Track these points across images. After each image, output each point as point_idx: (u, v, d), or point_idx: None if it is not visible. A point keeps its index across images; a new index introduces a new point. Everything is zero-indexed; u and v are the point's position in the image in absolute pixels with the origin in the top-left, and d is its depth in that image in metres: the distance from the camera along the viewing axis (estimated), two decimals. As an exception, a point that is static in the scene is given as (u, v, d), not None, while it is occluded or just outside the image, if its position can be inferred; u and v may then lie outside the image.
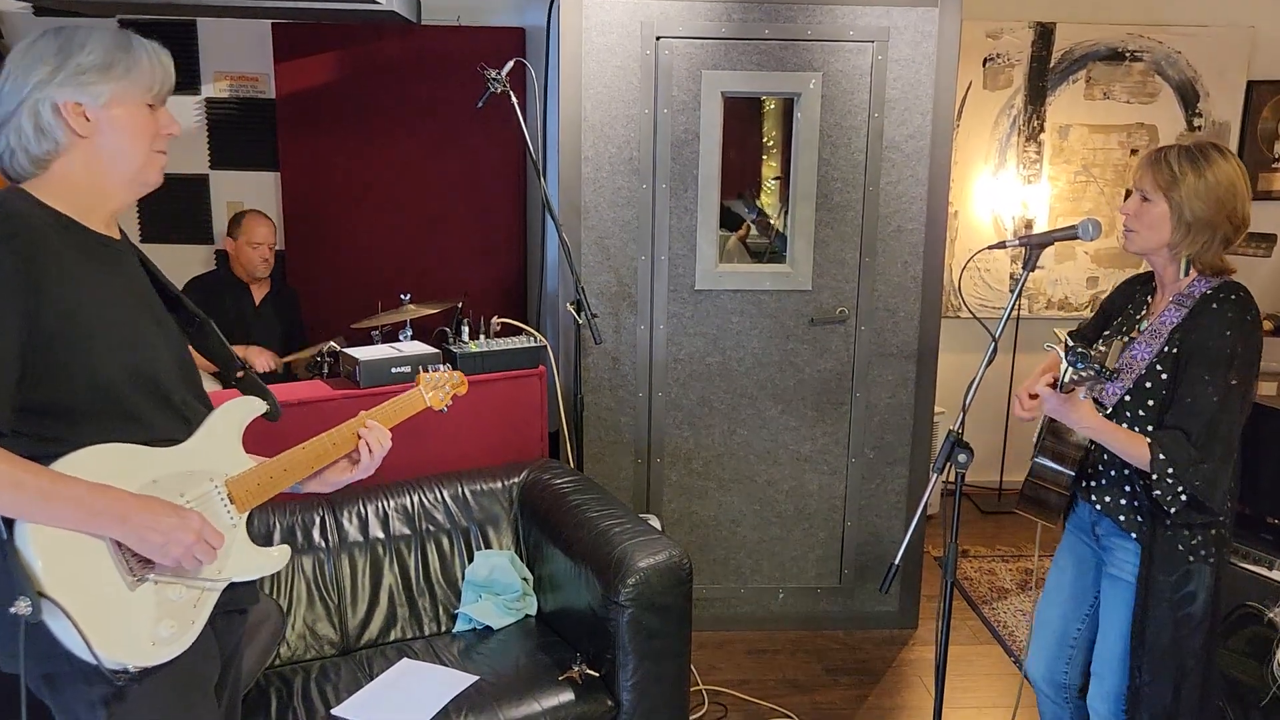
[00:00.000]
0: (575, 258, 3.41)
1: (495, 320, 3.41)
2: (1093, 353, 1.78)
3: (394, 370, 3.15)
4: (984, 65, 4.73)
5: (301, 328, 4.27)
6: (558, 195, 3.44)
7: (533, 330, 3.42)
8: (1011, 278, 4.94)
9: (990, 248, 2.30)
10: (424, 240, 4.50)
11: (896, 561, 2.37)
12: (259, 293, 4.12)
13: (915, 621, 3.88)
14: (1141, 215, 2.15)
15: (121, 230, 1.73)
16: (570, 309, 3.30)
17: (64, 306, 1.51)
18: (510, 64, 3.27)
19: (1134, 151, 4.84)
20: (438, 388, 2.15)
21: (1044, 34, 4.71)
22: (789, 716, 3.28)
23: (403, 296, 3.56)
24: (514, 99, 3.24)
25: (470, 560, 3.02)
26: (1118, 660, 2.24)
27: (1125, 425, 2.15)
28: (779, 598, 3.80)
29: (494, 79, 3.22)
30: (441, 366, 2.18)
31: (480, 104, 3.24)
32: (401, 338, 3.40)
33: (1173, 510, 2.06)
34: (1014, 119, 4.79)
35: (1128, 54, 4.74)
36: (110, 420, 1.56)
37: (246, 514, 1.75)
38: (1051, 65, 4.74)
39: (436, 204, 4.48)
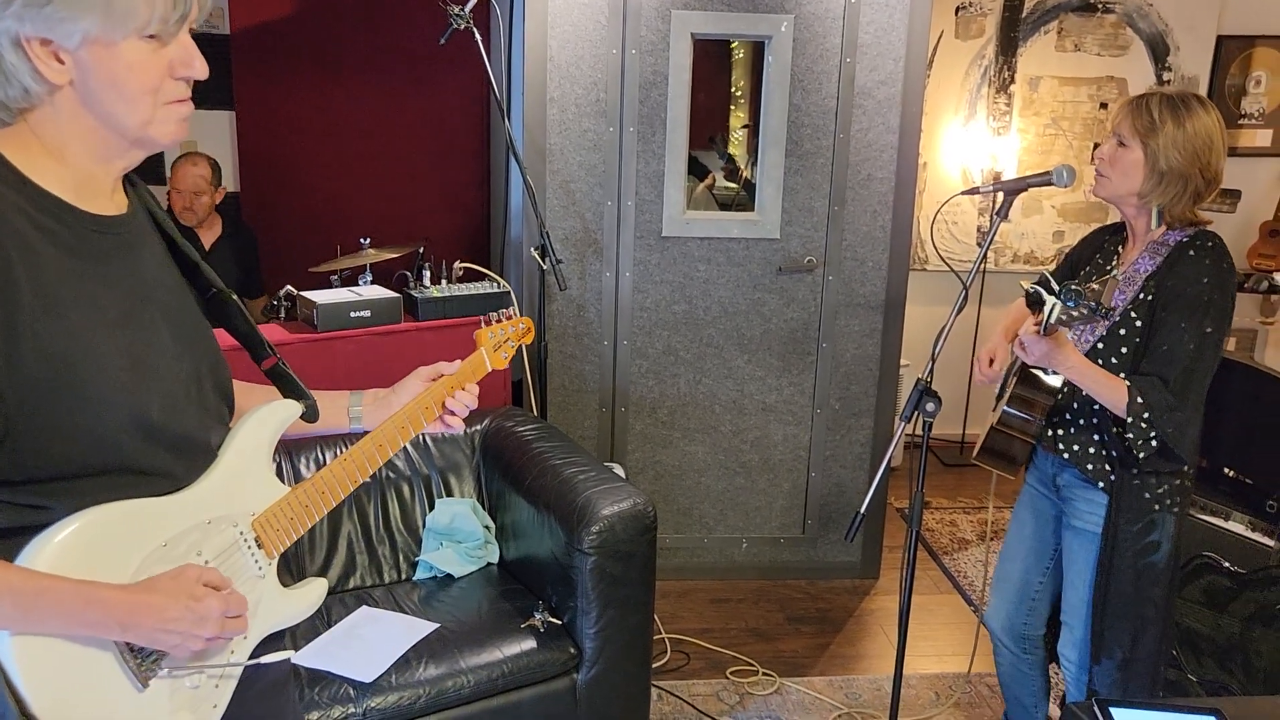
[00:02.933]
0: (540, 202, 3.33)
1: (457, 265, 3.34)
2: (1086, 290, 1.75)
3: (353, 314, 3.07)
4: (956, 14, 4.67)
5: (258, 272, 4.16)
6: (522, 137, 3.35)
7: (496, 275, 3.35)
8: (979, 230, 4.93)
9: (965, 193, 2.26)
10: (385, 183, 4.38)
11: (862, 511, 2.35)
12: (208, 236, 3.99)
13: (877, 572, 3.90)
14: (1116, 161, 2.12)
15: (128, 184, 1.35)
16: (535, 254, 3.23)
17: (47, 345, 1.16)
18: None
19: (1103, 105, 4.82)
20: (501, 344, 1.81)
21: (1017, -17, 4.66)
22: (751, 665, 3.29)
23: (362, 240, 3.47)
24: (478, 36, 3.14)
25: (431, 508, 2.97)
26: (1084, 609, 2.25)
27: (1098, 372, 2.14)
28: (742, 547, 3.80)
29: (457, 14, 3.11)
30: (501, 313, 1.80)
31: (443, 40, 3.14)
32: (361, 282, 3.32)
33: (1141, 456, 2.05)
34: (985, 70, 4.74)
35: (1100, 5, 4.70)
36: (109, 477, 1.23)
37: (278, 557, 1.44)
38: (1023, 16, 4.69)
39: (398, 145, 4.37)
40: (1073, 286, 1.76)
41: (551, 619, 2.63)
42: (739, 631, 3.51)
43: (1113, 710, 1.54)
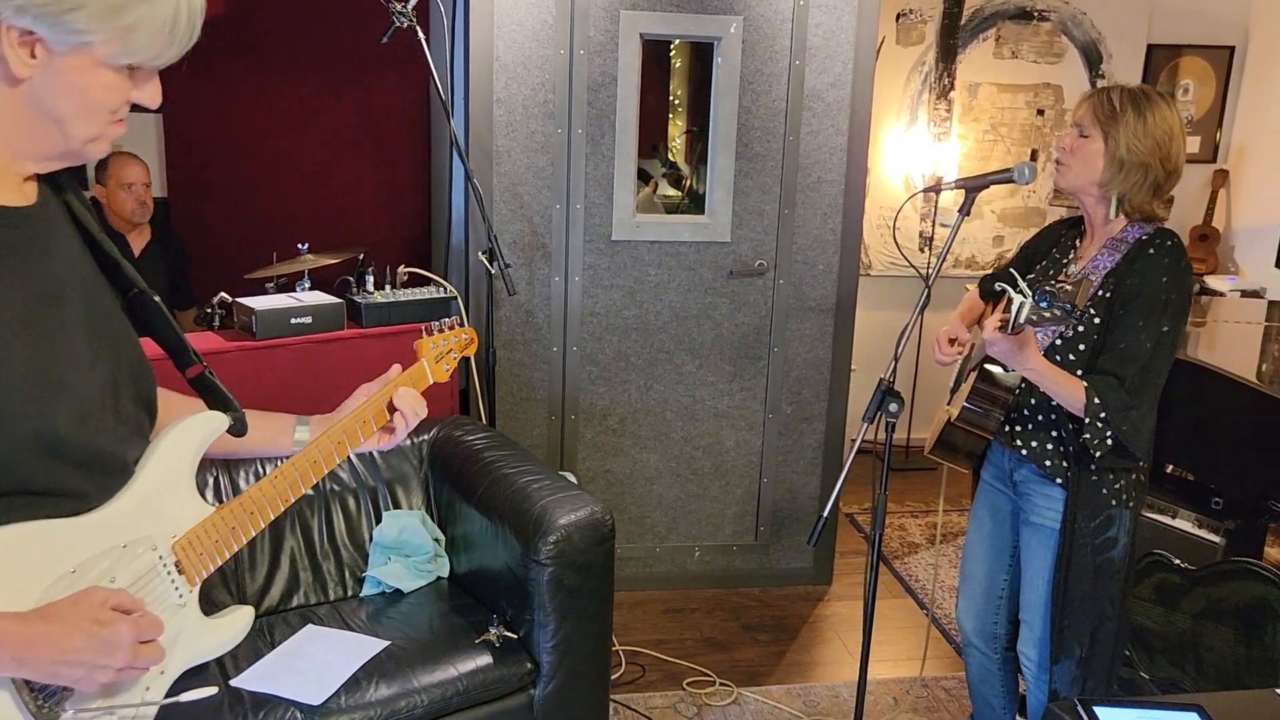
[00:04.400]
0: (487, 205, 3.25)
1: (402, 270, 3.24)
2: (1061, 291, 1.73)
3: (294, 320, 2.95)
4: (897, 21, 4.70)
5: (188, 281, 4.00)
6: (467, 139, 3.27)
7: (442, 280, 3.26)
8: (921, 235, 4.96)
9: (926, 190, 2.25)
10: (322, 187, 4.26)
11: (824, 514, 2.32)
12: (138, 242, 3.83)
13: (830, 578, 3.87)
14: (1077, 150, 2.12)
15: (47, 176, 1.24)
16: (482, 258, 3.14)
17: None
18: (416, -3, 3.08)
19: (1040, 112, 4.89)
20: (443, 355, 1.70)
21: (956, -9, 4.70)
22: (708, 675, 3.24)
23: (300, 246, 3.34)
24: (421, 35, 3.05)
25: (378, 521, 2.86)
26: (1043, 607, 2.24)
27: (1056, 369, 2.13)
28: (695, 556, 3.74)
29: (399, 12, 3.02)
30: (443, 322, 1.70)
31: (385, 39, 3.05)
32: (299, 289, 3.19)
33: (1098, 455, 2.05)
34: (925, 76, 4.78)
35: (1036, 13, 4.77)
36: (8, 499, 1.11)
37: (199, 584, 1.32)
38: (962, 23, 4.74)
39: (336, 149, 4.24)
40: (1047, 288, 1.74)
41: (507, 633, 2.54)
42: (694, 642, 3.45)
43: (1096, 709, 1.51)
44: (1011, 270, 1.96)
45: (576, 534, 2.47)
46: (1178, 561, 3.00)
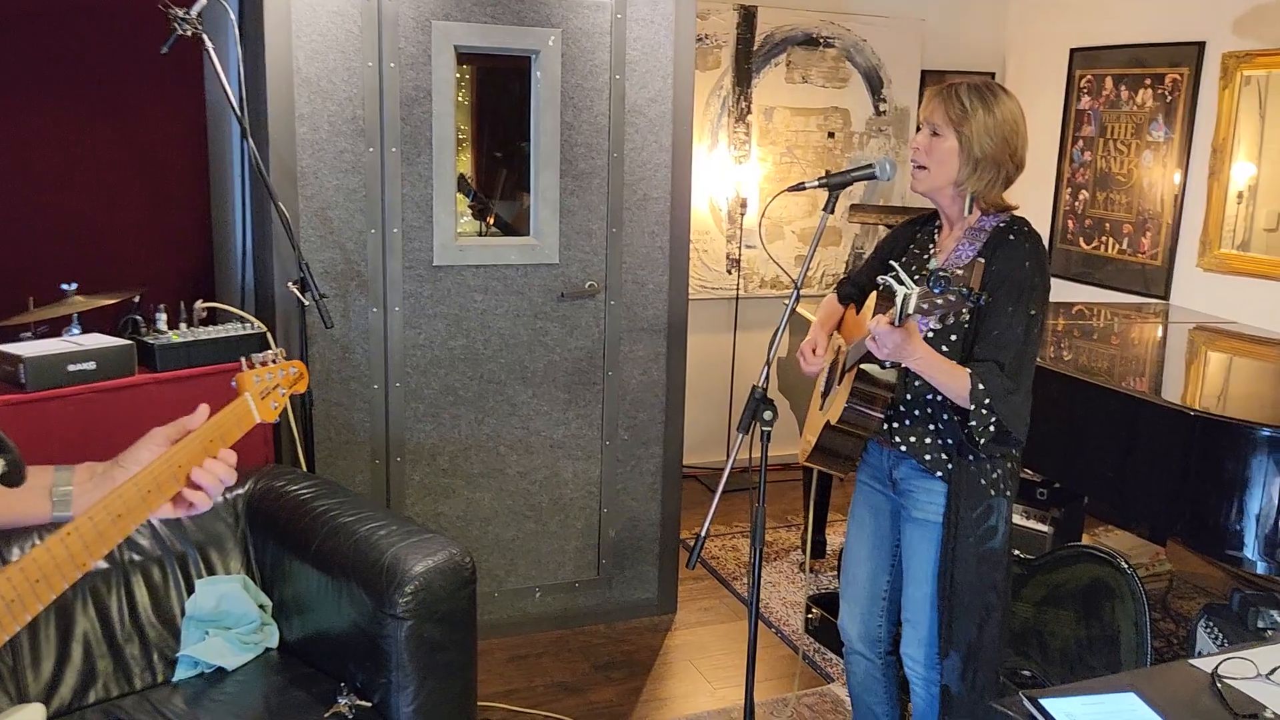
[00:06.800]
0: (293, 231, 2.95)
1: (200, 305, 2.88)
2: (954, 275, 1.69)
3: (72, 367, 2.55)
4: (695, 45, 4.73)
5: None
6: (267, 160, 2.96)
7: (248, 315, 2.92)
8: (728, 257, 5.01)
9: (790, 189, 2.20)
10: (84, 222, 3.76)
11: (703, 533, 2.21)
12: None
13: (674, 606, 3.76)
14: (932, 150, 2.14)
15: None
16: (293, 289, 2.84)
17: None
18: (202, 1, 2.77)
19: (831, 135, 5.07)
20: (269, 391, 1.49)
21: (747, 17, 4.81)
22: (567, 721, 3.04)
23: (66, 287, 2.91)
24: (209, 44, 2.75)
25: (190, 591, 2.49)
26: (929, 604, 2.21)
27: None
28: (536, 597, 3.54)
29: (182, 18, 2.71)
30: (266, 355, 1.53)
31: (165, 49, 2.72)
32: (67, 334, 2.76)
33: (983, 441, 2.05)
34: (724, 100, 4.85)
35: (822, 40, 4.96)
36: None
37: None
38: (755, 48, 4.85)
39: (99, 180, 3.76)
40: (940, 273, 1.71)
41: (360, 702, 2.26)
42: (545, 688, 3.24)
43: (1043, 701, 1.46)
44: (893, 263, 1.92)
45: (436, 581, 2.24)
46: (1016, 552, 3.10)
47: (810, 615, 3.61)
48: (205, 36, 2.74)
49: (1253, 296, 4.12)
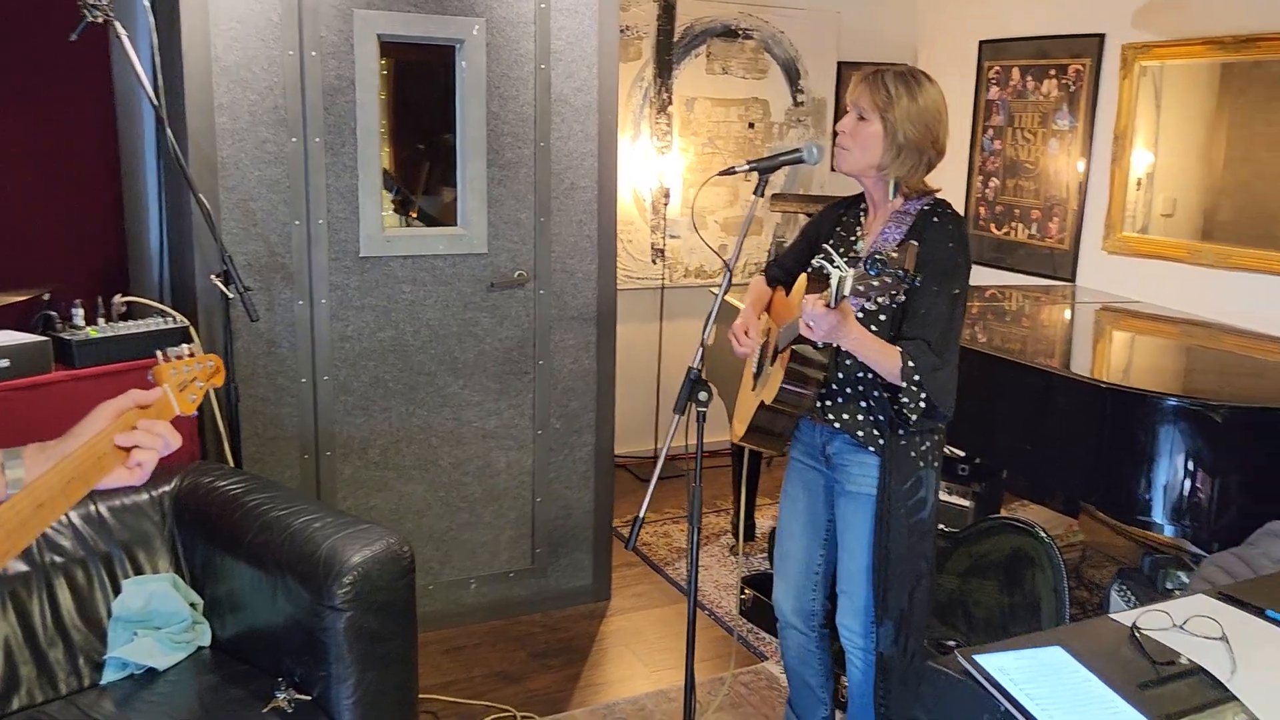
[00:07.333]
0: (215, 223, 2.89)
1: (118, 300, 2.80)
2: (888, 257, 1.74)
3: (-14, 366, 2.46)
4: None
5: None
6: (186, 150, 2.89)
7: (169, 309, 2.86)
8: (653, 247, 5.05)
9: (721, 174, 2.24)
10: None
11: (641, 514, 2.24)
12: None
13: (609, 592, 3.79)
14: (857, 134, 2.20)
15: None
16: (216, 282, 2.79)
17: None
18: (113, -14, 2.69)
19: (751, 125, 5.14)
20: (187, 384, 1.50)
21: (667, 8, 4.85)
22: (506, 710, 3.04)
23: (-33, 286, 2.80)
24: (122, 31, 2.68)
25: (117, 592, 2.43)
26: (864, 574, 2.28)
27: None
28: (471, 588, 3.53)
29: (92, 4, 2.64)
30: (181, 349, 1.53)
31: (74, 36, 2.64)
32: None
33: (914, 417, 2.12)
34: (645, 91, 4.88)
35: (740, 31, 5.02)
36: None
37: None
38: (675, 39, 4.89)
39: (2, 170, 3.62)
40: (876, 255, 1.76)
41: (299, 696, 2.24)
42: (484, 678, 3.24)
43: (977, 657, 1.52)
44: (826, 246, 1.98)
45: (375, 570, 2.23)
46: (941, 526, 3.20)
47: (743, 596, 3.67)
48: (117, 23, 2.67)
49: (1153, 278, 4.31)
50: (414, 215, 3.75)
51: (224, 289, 2.78)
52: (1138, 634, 1.61)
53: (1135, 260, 4.43)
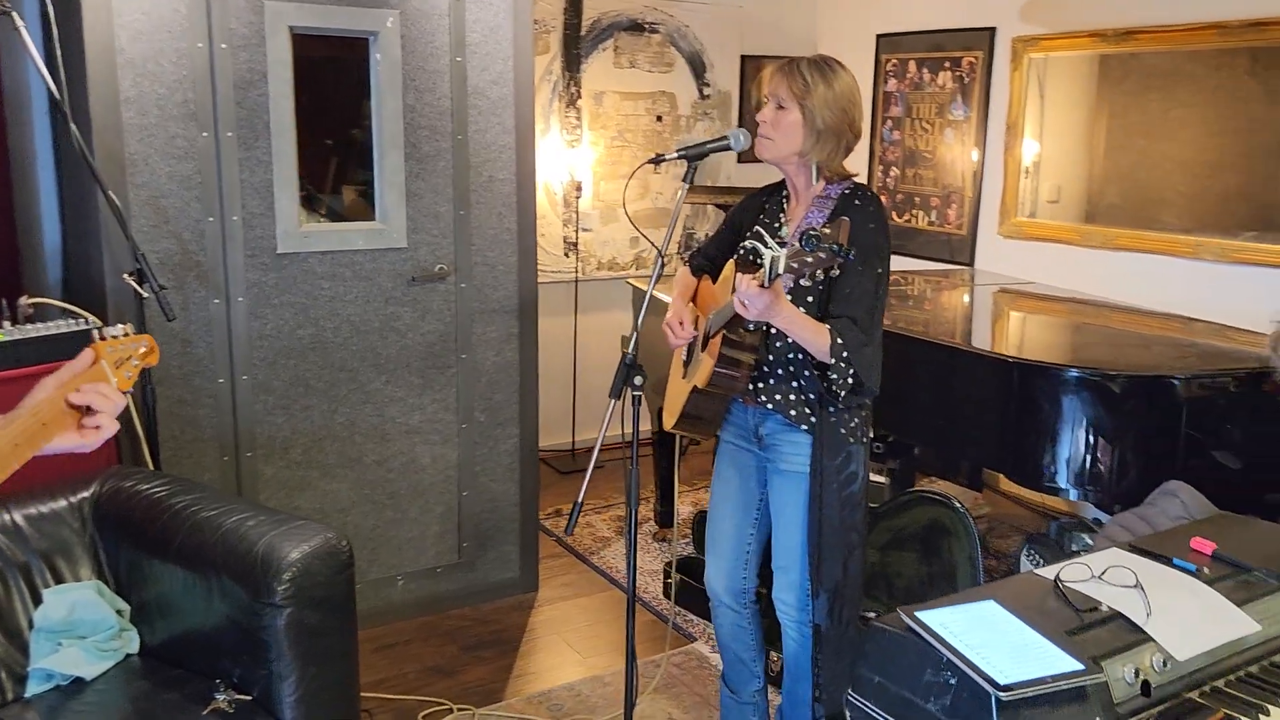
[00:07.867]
0: (124, 220, 2.81)
1: (24, 302, 2.70)
2: (822, 234, 1.81)
3: (-113, 373, 2.35)
4: (522, 31, 4.76)
5: None
6: (91, 145, 2.80)
7: (80, 310, 2.77)
8: (565, 240, 5.07)
9: (649, 162, 2.29)
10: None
11: (579, 499, 2.28)
12: None
13: (536, 584, 3.81)
14: (778, 123, 2.27)
15: None
16: (130, 281, 2.71)
17: None
18: (6, -24, 2.59)
19: (659, 118, 5.21)
20: (122, 362, 1.49)
21: (574, 2, 4.87)
22: (442, 703, 3.04)
23: None
24: (20, 23, 2.58)
25: (38, 603, 2.35)
26: (799, 550, 2.36)
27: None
28: (399, 585, 3.51)
29: (-12, -5, 2.54)
30: (117, 328, 1.52)
31: (-31, 27, 2.54)
32: None
33: (842, 394, 2.20)
34: (554, 85, 4.90)
35: (646, 25, 5.08)
36: None
37: None
38: (583, 33, 4.92)
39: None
40: (811, 232, 1.83)
41: (239, 696, 2.21)
42: (417, 673, 3.22)
43: (918, 614, 1.61)
44: (758, 228, 2.04)
45: (314, 566, 2.21)
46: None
47: (669, 581, 3.73)
48: (15, 14, 2.58)
49: (1046, 260, 4.53)
50: (321, 213, 3.69)
51: (138, 288, 2.71)
52: (1061, 586, 1.72)
53: (1029, 244, 4.65)
